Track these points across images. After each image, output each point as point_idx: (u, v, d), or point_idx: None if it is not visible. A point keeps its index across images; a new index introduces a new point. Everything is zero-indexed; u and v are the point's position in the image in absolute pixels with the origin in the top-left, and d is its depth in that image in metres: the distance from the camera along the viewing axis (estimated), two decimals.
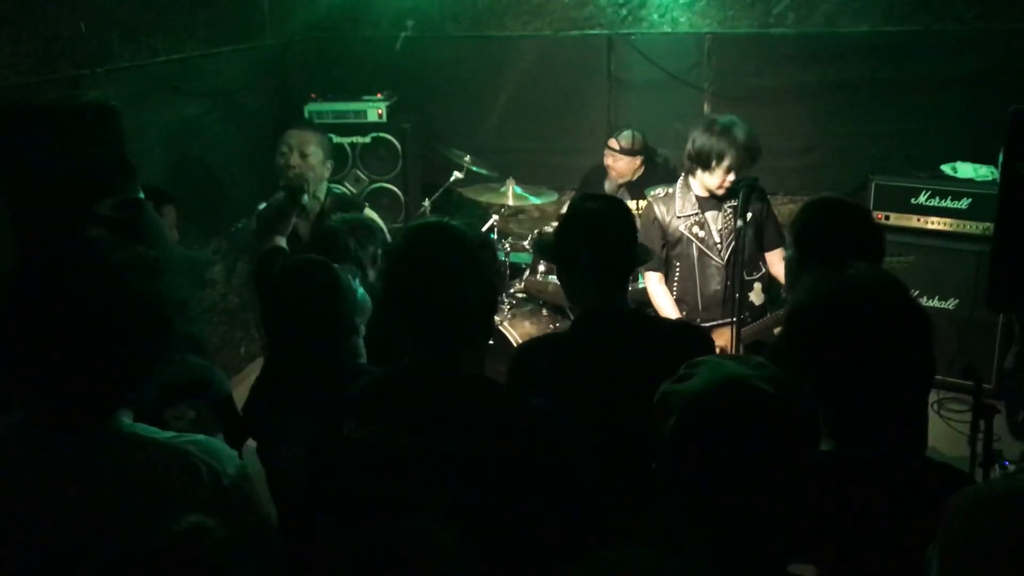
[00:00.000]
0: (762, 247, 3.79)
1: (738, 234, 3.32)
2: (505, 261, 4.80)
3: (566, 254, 2.47)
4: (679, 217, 3.74)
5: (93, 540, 1.47)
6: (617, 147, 4.91)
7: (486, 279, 1.89)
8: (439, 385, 1.82)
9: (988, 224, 4.13)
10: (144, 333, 1.53)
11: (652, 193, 3.99)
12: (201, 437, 1.61)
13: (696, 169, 3.65)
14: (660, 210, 3.78)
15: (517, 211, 5.94)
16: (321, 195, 3.93)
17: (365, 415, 1.83)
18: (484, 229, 4.69)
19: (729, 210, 3.68)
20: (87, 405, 1.52)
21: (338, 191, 4.24)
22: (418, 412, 1.79)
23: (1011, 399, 4.40)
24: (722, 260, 3.71)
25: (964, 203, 4.69)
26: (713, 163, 3.58)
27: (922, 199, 4.79)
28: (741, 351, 3.28)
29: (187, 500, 1.49)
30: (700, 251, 3.72)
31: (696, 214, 3.72)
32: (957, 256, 4.70)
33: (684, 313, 3.78)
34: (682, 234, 3.74)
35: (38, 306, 1.47)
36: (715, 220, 3.72)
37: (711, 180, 3.62)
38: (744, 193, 3.29)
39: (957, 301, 4.74)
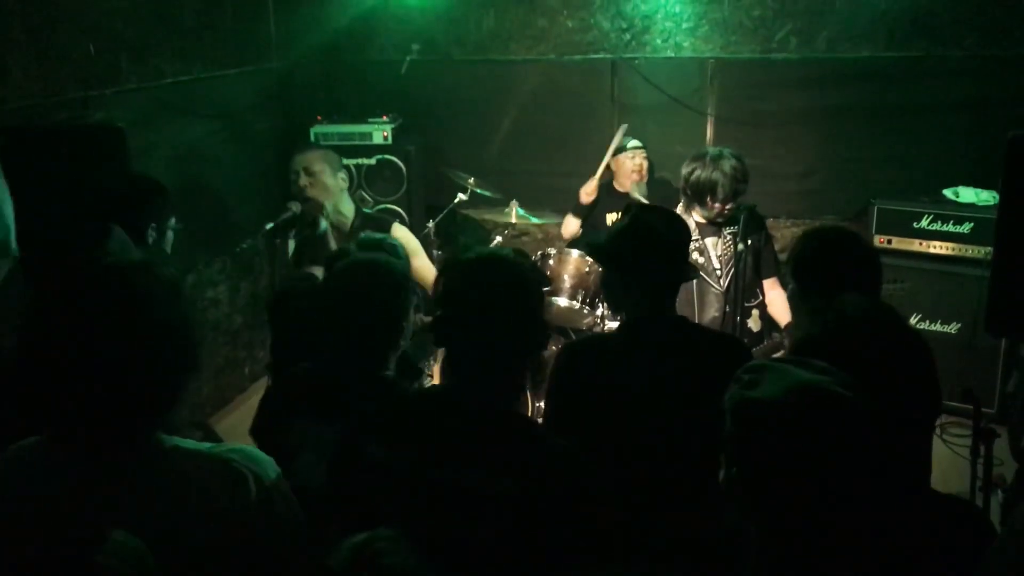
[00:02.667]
0: (759, 274, 3.80)
1: (738, 259, 3.34)
2: None
3: (622, 263, 2.49)
4: None
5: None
6: (639, 143, 4.94)
7: (537, 314, 1.89)
8: (470, 417, 1.81)
9: (990, 248, 4.11)
10: (174, 355, 1.53)
11: None
12: (239, 445, 1.61)
13: (693, 203, 3.69)
14: None
15: (520, 233, 5.97)
16: (346, 210, 3.92)
17: (391, 437, 1.83)
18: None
19: (728, 236, 3.71)
20: (122, 427, 1.51)
21: (368, 211, 4.25)
22: (446, 443, 1.78)
23: (1013, 423, 4.39)
24: (721, 287, 3.72)
25: (966, 227, 4.70)
26: (708, 198, 3.62)
27: (924, 223, 4.80)
28: None
29: (235, 507, 1.50)
30: (699, 279, 3.71)
31: (696, 240, 3.73)
32: (959, 280, 4.70)
33: None
34: None
35: (68, 333, 1.46)
36: (715, 246, 3.74)
37: (708, 213, 3.66)
38: (744, 219, 3.32)
39: (959, 325, 4.74)
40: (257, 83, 5.39)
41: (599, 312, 4.25)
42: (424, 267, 3.92)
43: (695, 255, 3.74)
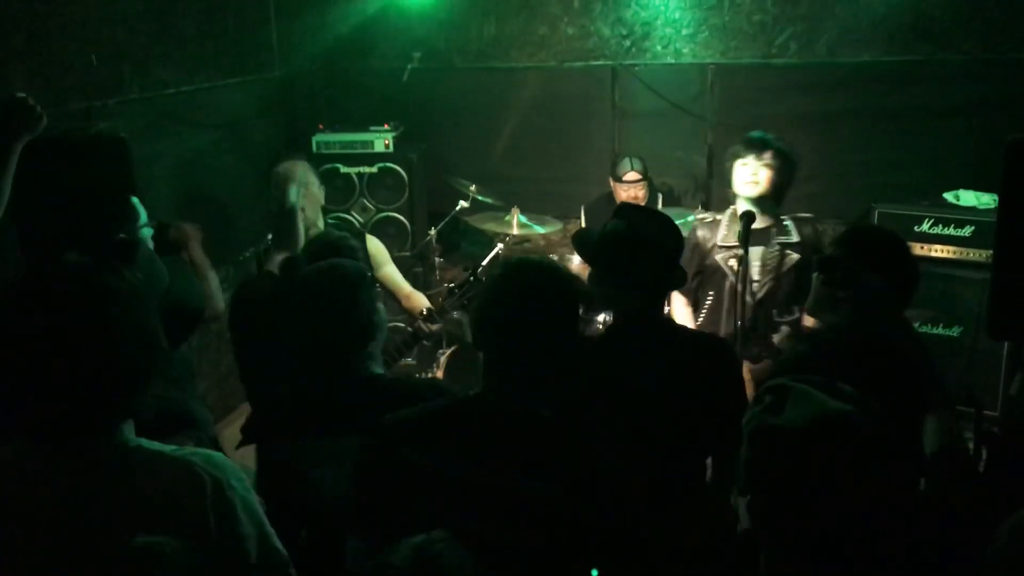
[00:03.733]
0: (805, 292, 3.66)
1: (739, 261, 3.32)
2: None
3: (611, 265, 2.47)
4: (720, 247, 3.61)
5: (96, 553, 1.48)
6: (637, 176, 4.97)
7: (574, 322, 1.92)
8: (508, 419, 1.83)
9: (991, 252, 4.13)
10: (134, 349, 1.55)
11: (699, 217, 3.85)
12: (204, 451, 1.64)
13: (734, 163, 3.59)
14: (703, 235, 3.67)
15: (522, 240, 5.97)
16: (321, 225, 3.92)
17: (426, 440, 1.84)
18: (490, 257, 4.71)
19: (777, 246, 3.55)
20: (86, 421, 1.54)
21: (332, 221, 4.25)
22: (485, 446, 1.80)
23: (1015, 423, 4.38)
24: (754, 298, 3.55)
25: (967, 231, 4.71)
26: (737, 159, 3.57)
27: (925, 227, 4.80)
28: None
29: (191, 511, 1.51)
30: (733, 286, 3.54)
31: (738, 246, 3.49)
32: (961, 284, 4.70)
33: None
34: (719, 266, 3.60)
35: (29, 327, 1.49)
36: (758, 257, 3.57)
37: (737, 176, 3.57)
38: (744, 223, 3.30)
39: (961, 329, 4.73)
40: (259, 92, 5.41)
41: (601, 318, 4.25)
42: (392, 274, 3.91)
43: (733, 262, 3.52)
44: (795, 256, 3.57)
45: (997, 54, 4.97)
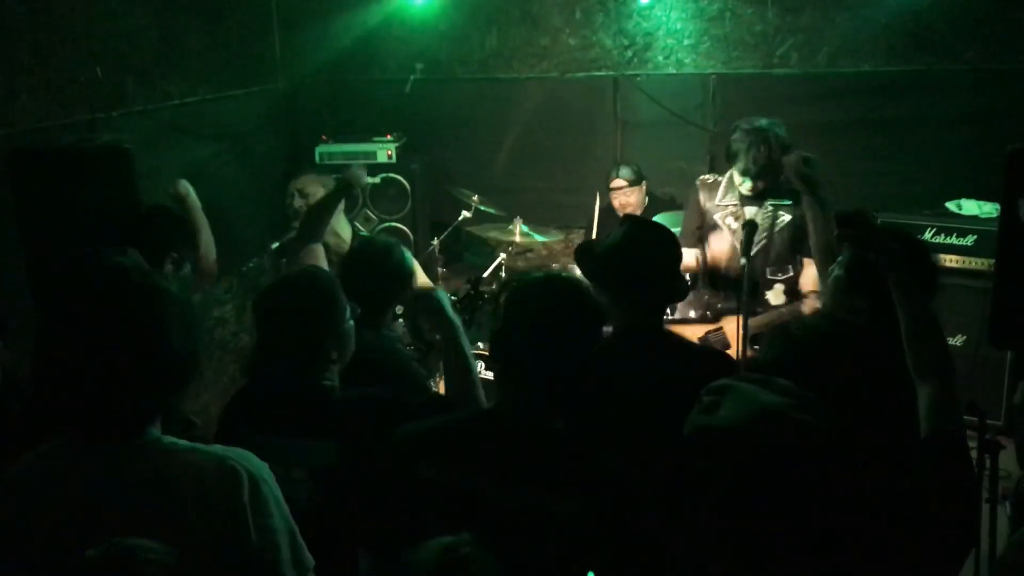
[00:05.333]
0: (799, 249, 3.75)
1: (742, 271, 3.32)
2: None
3: (611, 277, 2.47)
4: (718, 206, 3.85)
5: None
6: (625, 182, 4.98)
7: (596, 340, 1.92)
8: (523, 434, 1.82)
9: (994, 260, 4.14)
10: (180, 350, 1.56)
11: (702, 178, 4.07)
12: (236, 448, 1.64)
13: (731, 168, 3.79)
14: (703, 195, 3.92)
15: (524, 250, 5.98)
16: (343, 232, 3.95)
17: (444, 456, 1.83)
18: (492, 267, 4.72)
19: (770, 207, 3.75)
20: (123, 418, 1.54)
21: (365, 233, 4.28)
22: (505, 462, 1.79)
23: (1020, 435, 4.37)
24: (748, 256, 3.58)
25: (969, 240, 4.71)
26: (732, 159, 3.73)
27: (927, 236, 4.80)
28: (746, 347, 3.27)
29: (229, 506, 1.52)
30: (731, 242, 3.81)
31: (735, 205, 3.82)
32: (963, 292, 4.69)
33: (705, 296, 3.85)
34: (716, 222, 3.85)
35: (81, 319, 1.50)
36: (754, 216, 3.75)
37: (737, 175, 3.75)
38: (747, 233, 3.32)
39: (964, 337, 4.73)
40: (262, 103, 5.43)
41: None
42: (426, 282, 3.93)
43: (730, 220, 3.82)
44: (787, 217, 3.74)
45: (998, 64, 4.98)
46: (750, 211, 3.78)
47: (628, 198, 4.99)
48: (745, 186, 3.73)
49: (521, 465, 1.78)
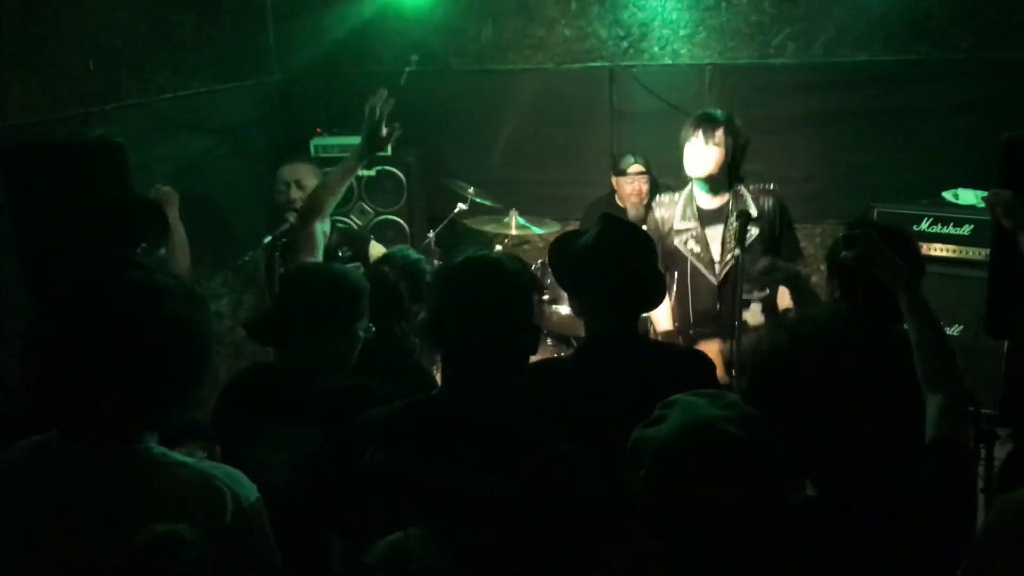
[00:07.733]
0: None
1: (736, 261, 3.30)
2: None
3: (583, 281, 2.38)
4: (677, 231, 3.64)
5: (110, 554, 1.47)
6: (641, 169, 4.95)
7: (528, 317, 1.89)
8: (470, 421, 1.82)
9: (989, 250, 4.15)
10: (185, 357, 1.55)
11: (657, 198, 3.88)
12: (225, 466, 1.63)
13: (685, 146, 3.58)
14: (661, 216, 3.71)
15: (521, 242, 5.97)
16: (327, 229, 3.93)
17: (390, 442, 1.83)
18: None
19: (735, 226, 3.50)
20: (119, 424, 1.53)
21: (341, 225, 4.26)
22: (447, 447, 1.79)
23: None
24: (717, 278, 3.58)
25: (966, 229, 4.71)
26: (688, 134, 3.56)
27: (924, 226, 4.80)
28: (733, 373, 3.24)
29: (209, 520, 1.51)
30: (694, 268, 3.62)
31: (694, 228, 3.61)
32: (960, 282, 4.69)
33: (676, 324, 3.69)
34: (676, 249, 3.63)
35: (84, 322, 1.49)
36: (716, 237, 3.59)
37: (687, 157, 3.57)
38: (740, 223, 3.27)
39: (961, 327, 4.73)
40: (257, 96, 5.41)
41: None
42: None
43: (692, 244, 3.61)
44: (755, 231, 3.56)
45: (995, 53, 4.98)
46: (711, 232, 3.57)
47: (644, 185, 4.97)
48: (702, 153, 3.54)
49: (461, 450, 1.78)
